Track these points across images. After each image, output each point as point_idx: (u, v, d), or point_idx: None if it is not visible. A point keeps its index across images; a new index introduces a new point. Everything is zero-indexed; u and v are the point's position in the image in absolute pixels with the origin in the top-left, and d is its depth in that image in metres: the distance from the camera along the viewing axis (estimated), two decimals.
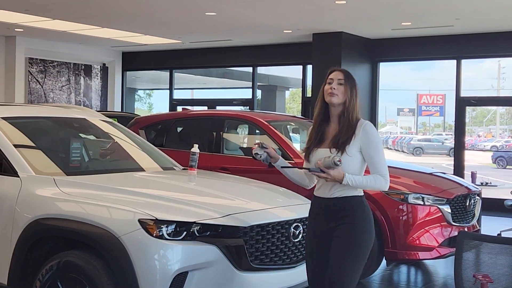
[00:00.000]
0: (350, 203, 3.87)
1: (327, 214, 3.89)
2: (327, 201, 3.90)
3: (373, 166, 3.90)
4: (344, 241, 3.80)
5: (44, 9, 11.45)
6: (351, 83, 3.98)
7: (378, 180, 3.88)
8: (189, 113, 9.54)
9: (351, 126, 3.89)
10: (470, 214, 7.25)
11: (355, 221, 3.83)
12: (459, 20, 11.50)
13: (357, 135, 3.87)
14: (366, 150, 3.87)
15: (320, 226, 3.91)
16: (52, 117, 5.74)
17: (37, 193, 4.50)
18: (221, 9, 10.97)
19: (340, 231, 3.82)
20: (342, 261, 3.78)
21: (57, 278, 4.21)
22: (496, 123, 26.90)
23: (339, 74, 3.98)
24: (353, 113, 3.92)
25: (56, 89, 16.05)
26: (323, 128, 4.00)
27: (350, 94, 3.94)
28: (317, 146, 3.96)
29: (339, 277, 3.76)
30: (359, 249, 3.82)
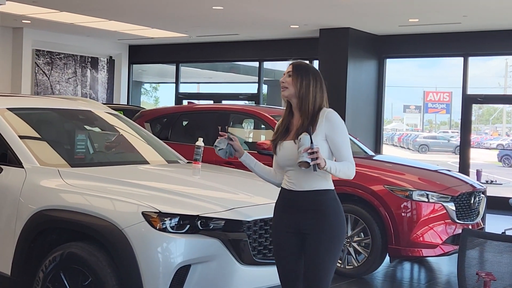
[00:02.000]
0: (322, 197, 3.80)
1: (298, 207, 3.80)
2: (298, 194, 3.81)
3: (339, 153, 3.82)
4: (319, 237, 3.74)
5: (52, 1, 11.47)
6: (302, 73, 3.90)
7: (350, 167, 3.81)
8: (194, 107, 9.55)
9: (311, 115, 3.83)
10: (474, 211, 7.23)
11: (328, 215, 3.77)
12: (467, 17, 11.46)
13: (320, 124, 3.81)
14: (331, 138, 3.81)
15: (290, 219, 3.83)
16: (57, 108, 5.74)
17: (41, 184, 4.50)
18: (228, 3, 10.96)
19: (314, 226, 3.76)
20: (319, 258, 3.74)
21: (60, 270, 4.21)
22: (503, 121, 26.82)
23: (289, 67, 3.96)
24: (309, 103, 3.86)
25: (62, 81, 16.07)
26: (289, 121, 3.96)
27: (300, 84, 3.88)
28: (283, 138, 3.91)
29: (317, 274, 3.74)
30: (335, 244, 3.78)
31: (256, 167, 4.17)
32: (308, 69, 3.95)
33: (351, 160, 3.83)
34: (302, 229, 3.78)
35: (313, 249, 3.75)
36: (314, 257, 3.75)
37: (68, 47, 16.02)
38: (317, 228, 3.75)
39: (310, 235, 3.76)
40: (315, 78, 3.91)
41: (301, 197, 3.80)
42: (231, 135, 4.07)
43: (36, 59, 15.42)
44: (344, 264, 6.99)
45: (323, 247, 3.74)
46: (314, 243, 3.75)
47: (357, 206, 6.89)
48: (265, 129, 8.30)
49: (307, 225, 3.77)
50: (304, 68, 3.94)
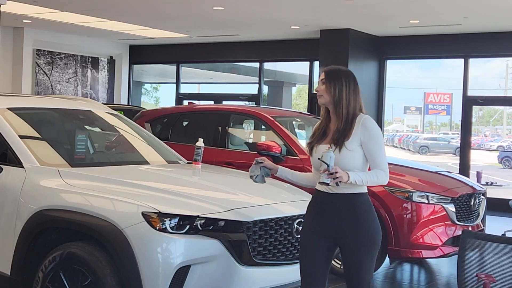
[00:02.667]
0: (356, 200, 3.86)
1: (332, 210, 3.87)
2: (332, 196, 3.87)
3: (373, 160, 3.88)
4: (355, 240, 3.84)
5: (53, 1, 11.47)
6: (335, 79, 3.95)
7: (379, 175, 3.87)
8: (195, 107, 9.54)
9: (347, 121, 3.89)
10: (474, 213, 7.23)
11: (362, 218, 3.85)
12: (467, 19, 11.46)
13: (356, 130, 3.87)
14: (366, 144, 3.87)
15: (323, 222, 3.89)
16: (58, 108, 5.74)
17: (41, 184, 4.50)
18: (229, 4, 10.97)
19: (348, 229, 3.84)
20: (357, 260, 3.85)
21: (60, 269, 4.22)
22: (503, 123, 26.81)
23: (321, 74, 4.02)
24: (344, 109, 3.91)
25: (63, 81, 16.07)
26: (327, 124, 4.03)
27: (334, 90, 3.93)
28: (319, 142, 3.99)
29: (360, 278, 3.86)
30: (371, 245, 3.87)
31: (294, 177, 4.20)
32: (340, 73, 4.00)
33: (384, 168, 3.88)
34: (335, 232, 3.86)
35: (350, 252, 3.85)
36: (352, 259, 3.86)
37: (68, 47, 16.02)
38: (353, 231, 3.83)
39: (344, 238, 3.85)
40: (348, 81, 3.95)
41: (335, 199, 3.86)
42: (259, 159, 4.10)
43: (36, 58, 15.42)
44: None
45: (360, 249, 3.84)
46: (350, 246, 3.85)
47: None
48: (265, 130, 8.30)
49: (341, 228, 3.84)
50: (335, 73, 3.98)
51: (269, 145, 7.33)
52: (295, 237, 4.53)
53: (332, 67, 4.05)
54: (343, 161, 3.80)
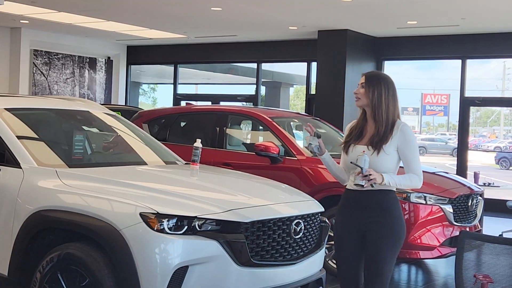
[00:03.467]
0: (385, 197, 4.11)
1: (362, 206, 4.12)
2: (360, 194, 4.11)
3: (408, 165, 4.15)
4: (380, 235, 4.06)
5: (50, 1, 11.46)
6: (374, 84, 4.16)
7: (413, 179, 4.14)
8: (192, 108, 9.55)
9: (386, 125, 4.13)
10: (472, 214, 7.24)
11: (390, 214, 4.10)
12: (465, 20, 11.48)
13: (395, 135, 4.11)
14: (402, 150, 4.13)
15: (353, 218, 4.15)
16: (55, 109, 5.73)
17: (39, 184, 4.50)
18: (227, 5, 10.97)
19: (376, 224, 4.07)
20: (381, 255, 4.07)
21: (57, 270, 4.21)
22: (500, 124, 26.86)
23: (362, 78, 4.23)
24: (383, 113, 4.13)
25: (60, 82, 16.06)
26: (363, 125, 4.24)
27: (372, 94, 4.14)
28: (356, 142, 4.20)
29: (380, 270, 4.08)
30: (395, 241, 4.11)
31: (333, 167, 4.37)
32: (380, 78, 4.21)
33: (419, 172, 4.17)
34: (364, 227, 4.11)
35: (374, 246, 4.08)
36: (375, 252, 4.08)
37: (66, 48, 16.01)
38: (379, 226, 4.07)
39: (371, 233, 4.08)
40: (387, 87, 4.17)
41: (366, 196, 4.10)
42: (319, 133, 4.27)
43: (34, 59, 15.41)
44: None
45: (384, 244, 4.07)
46: (375, 240, 4.07)
47: None
48: (263, 131, 8.30)
49: (369, 223, 4.09)
50: (375, 78, 4.20)
51: (267, 146, 7.33)
52: (293, 238, 4.53)
53: (373, 72, 4.30)
54: (380, 164, 4.07)
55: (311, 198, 5.18)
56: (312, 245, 4.78)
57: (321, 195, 6.81)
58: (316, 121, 8.92)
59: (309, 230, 4.73)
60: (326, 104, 13.20)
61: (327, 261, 6.83)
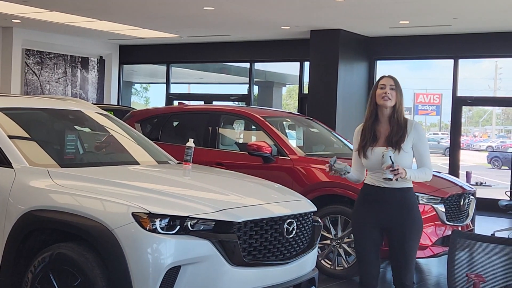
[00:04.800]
0: (407, 193, 4.49)
1: (386, 202, 4.46)
2: (385, 191, 4.46)
3: (421, 160, 4.54)
4: (405, 229, 4.44)
5: (42, 1, 11.43)
6: (400, 88, 4.55)
7: (427, 173, 4.53)
8: (185, 107, 9.53)
9: (402, 125, 4.48)
10: (464, 213, 7.25)
11: (412, 209, 4.49)
12: (457, 19, 11.51)
13: (410, 134, 4.47)
14: (417, 147, 4.51)
15: (376, 214, 4.48)
16: (47, 108, 5.71)
17: (30, 184, 4.48)
18: (220, 4, 10.96)
19: (400, 219, 4.44)
20: (409, 247, 4.48)
21: (49, 270, 4.19)
22: (492, 123, 26.93)
23: (390, 80, 4.54)
24: (402, 114, 4.52)
25: (52, 81, 16.02)
26: (375, 128, 4.55)
27: (397, 96, 4.51)
28: (373, 144, 4.50)
29: (408, 260, 4.50)
30: (418, 234, 4.54)
31: (353, 177, 4.71)
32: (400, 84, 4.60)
33: (430, 166, 4.57)
34: (387, 222, 4.48)
35: (401, 239, 4.46)
36: (402, 244, 4.46)
37: (58, 47, 15.96)
38: (404, 221, 4.45)
39: (396, 227, 4.46)
40: (401, 89, 4.58)
41: (390, 193, 4.46)
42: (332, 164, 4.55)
43: (26, 58, 15.36)
44: (334, 265, 6.99)
45: (409, 237, 4.46)
46: (402, 234, 4.45)
47: (347, 208, 6.90)
48: (255, 130, 8.30)
49: (393, 219, 4.46)
50: (399, 84, 4.58)
51: (260, 146, 7.33)
52: (286, 237, 4.53)
53: (395, 77, 4.59)
54: (400, 162, 4.37)
55: (303, 198, 5.18)
56: (305, 244, 4.78)
57: (314, 195, 6.81)
58: (309, 121, 8.92)
59: (302, 229, 4.73)
60: (318, 103, 13.21)
61: (320, 261, 6.84)
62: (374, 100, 4.55)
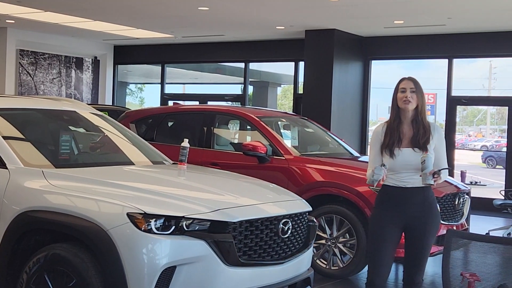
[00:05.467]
0: (428, 192, 4.58)
1: (409, 201, 4.55)
2: (410, 190, 4.54)
3: (440, 161, 4.60)
4: (426, 225, 4.55)
5: (36, 1, 11.41)
6: (420, 89, 4.60)
7: (446, 174, 4.66)
8: (180, 107, 9.52)
9: (426, 128, 4.56)
10: (459, 212, 7.27)
11: (433, 208, 4.61)
12: (451, 19, 11.53)
13: (434, 136, 4.58)
14: (437, 149, 4.60)
15: (397, 213, 4.55)
16: (42, 109, 5.70)
17: (25, 185, 4.47)
18: (214, 4, 10.96)
19: (422, 216, 4.54)
20: (427, 246, 4.61)
21: (44, 271, 4.18)
22: (487, 123, 26.99)
23: (410, 83, 4.60)
24: (425, 116, 4.60)
25: (47, 82, 15.98)
26: (399, 130, 4.60)
27: (419, 99, 4.57)
28: (399, 145, 4.56)
29: (424, 257, 4.63)
30: (436, 231, 4.68)
31: None
32: (420, 84, 4.64)
33: (447, 167, 4.67)
34: (409, 221, 4.55)
35: (421, 235, 4.56)
36: (422, 241, 4.58)
37: (52, 47, 15.93)
38: (425, 220, 4.55)
39: (417, 224, 4.55)
40: (423, 92, 4.63)
41: (412, 193, 4.55)
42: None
43: (20, 59, 15.32)
44: (330, 265, 7.00)
45: (428, 237, 4.59)
46: (422, 233, 4.56)
47: (342, 207, 6.91)
48: (251, 130, 8.29)
49: (415, 218, 4.54)
50: (420, 84, 4.64)
51: (255, 146, 7.33)
52: (281, 237, 4.53)
53: (413, 77, 4.64)
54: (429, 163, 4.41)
55: (299, 198, 5.18)
56: (300, 244, 4.78)
57: (309, 195, 6.82)
58: (304, 121, 8.92)
59: (297, 229, 4.73)
60: (313, 103, 13.22)
61: (315, 260, 6.84)
62: (395, 103, 4.62)
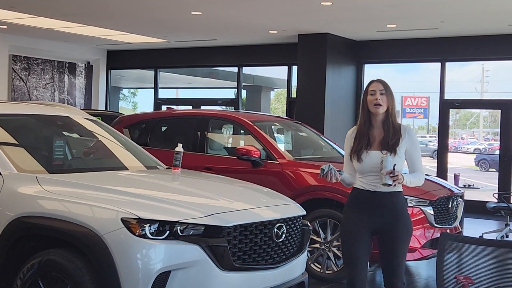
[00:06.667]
0: (396, 198, 4.48)
1: (378, 206, 4.45)
2: (377, 194, 4.45)
3: (415, 165, 4.54)
4: (396, 231, 4.46)
5: (29, 6, 11.39)
6: (390, 91, 4.51)
7: (421, 177, 4.54)
8: (173, 112, 9.52)
9: (396, 129, 4.47)
10: (452, 216, 7.29)
11: (403, 213, 4.50)
12: (444, 23, 11.57)
13: (404, 138, 4.46)
14: (410, 152, 4.50)
15: (366, 216, 4.46)
16: (35, 114, 5.69)
17: (19, 191, 4.46)
18: (207, 9, 10.97)
19: (391, 222, 4.45)
20: (400, 251, 4.50)
21: (38, 277, 4.18)
22: (480, 126, 27.06)
23: (379, 85, 4.50)
24: (394, 119, 4.50)
25: (40, 87, 15.95)
26: (369, 133, 4.51)
27: (388, 101, 4.48)
28: (367, 148, 4.47)
29: (399, 263, 4.52)
30: (409, 236, 4.56)
31: (348, 179, 4.68)
32: (389, 86, 4.55)
33: (423, 171, 4.58)
34: (378, 226, 4.47)
35: (392, 240, 4.47)
36: (393, 246, 4.48)
37: (45, 53, 15.90)
38: (395, 225, 4.46)
39: (387, 231, 4.47)
40: (393, 94, 4.54)
41: (380, 197, 4.45)
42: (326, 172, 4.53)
43: (13, 64, 15.29)
44: (324, 268, 7.00)
45: (400, 241, 4.49)
46: (393, 238, 4.47)
47: (336, 211, 6.91)
48: (244, 135, 8.30)
49: (384, 223, 4.45)
50: (389, 86, 4.54)
51: (249, 150, 7.33)
52: (275, 241, 4.53)
53: (382, 80, 4.55)
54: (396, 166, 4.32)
55: (293, 202, 5.19)
56: (294, 248, 4.78)
57: (303, 198, 6.82)
58: (298, 125, 8.93)
59: (291, 233, 4.74)
60: (307, 107, 13.24)
61: (309, 264, 6.84)
62: (366, 106, 4.51)
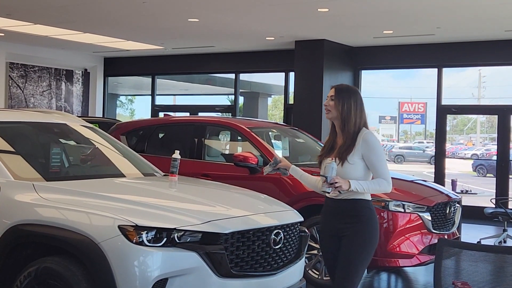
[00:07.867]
0: (357, 205, 4.29)
1: (337, 213, 4.33)
2: (336, 201, 4.33)
3: (375, 170, 4.29)
4: (352, 240, 4.26)
5: (26, 14, 11.39)
6: (344, 97, 4.31)
7: (381, 183, 4.28)
8: (170, 119, 9.52)
9: (353, 137, 4.28)
10: (450, 221, 7.29)
11: (362, 222, 4.27)
12: (440, 29, 11.59)
13: (357, 145, 4.26)
14: (367, 157, 4.27)
15: (331, 223, 4.37)
16: (32, 122, 5.69)
17: (16, 198, 4.45)
18: (204, 16, 10.98)
19: (348, 230, 4.27)
20: (350, 258, 4.26)
21: (35, 285, 4.17)
22: (477, 131, 27.11)
23: (331, 91, 4.37)
24: (350, 125, 4.29)
25: (37, 94, 15.95)
26: (334, 139, 4.42)
27: (342, 107, 4.29)
28: (327, 155, 4.35)
29: (348, 272, 4.25)
30: (366, 248, 4.28)
31: (302, 178, 4.62)
32: (350, 92, 4.37)
33: (386, 177, 4.30)
34: (340, 232, 4.32)
35: (346, 250, 4.27)
36: (346, 257, 4.27)
37: (42, 60, 15.90)
38: (352, 232, 4.26)
39: (345, 238, 4.28)
40: (356, 100, 4.33)
41: (341, 204, 4.31)
42: (277, 159, 4.58)
43: (10, 72, 15.29)
44: (322, 275, 6.99)
45: (355, 249, 4.26)
46: (347, 245, 4.27)
47: None
48: (241, 141, 8.30)
49: (344, 228, 4.29)
50: (345, 92, 4.35)
51: (246, 156, 7.33)
52: (273, 248, 4.53)
53: (342, 85, 4.41)
54: (345, 173, 4.22)
55: (290, 208, 5.18)
56: (292, 255, 4.78)
57: (300, 205, 6.81)
58: (295, 131, 8.94)
59: (289, 240, 4.73)
60: (304, 113, 13.25)
61: (307, 271, 6.83)
62: None
